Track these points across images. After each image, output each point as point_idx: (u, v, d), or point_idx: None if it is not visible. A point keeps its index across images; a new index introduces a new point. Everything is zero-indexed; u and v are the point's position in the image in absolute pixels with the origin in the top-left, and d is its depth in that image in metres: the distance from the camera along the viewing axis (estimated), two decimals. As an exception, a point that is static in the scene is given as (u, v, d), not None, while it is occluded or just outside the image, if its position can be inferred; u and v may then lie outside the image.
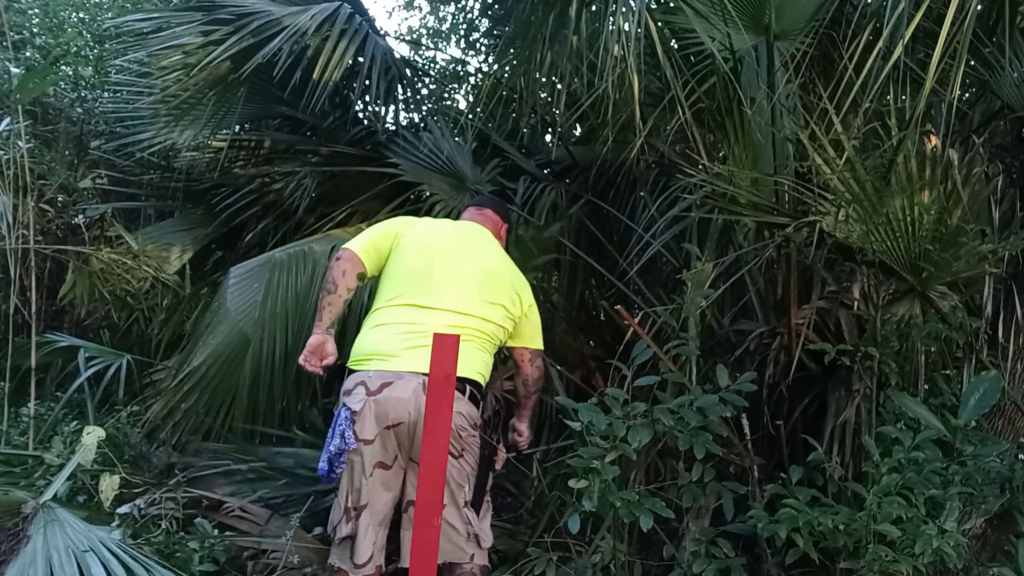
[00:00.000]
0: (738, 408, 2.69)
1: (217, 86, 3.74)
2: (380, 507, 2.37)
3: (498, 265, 2.63)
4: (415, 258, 2.51)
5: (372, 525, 2.35)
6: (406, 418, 2.30)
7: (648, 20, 3.05)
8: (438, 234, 2.62)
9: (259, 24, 3.47)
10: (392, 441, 2.34)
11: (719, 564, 2.58)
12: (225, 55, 3.38)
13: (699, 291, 2.86)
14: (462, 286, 2.49)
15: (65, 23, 5.48)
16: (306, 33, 3.45)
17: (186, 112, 3.85)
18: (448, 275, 2.49)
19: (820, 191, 2.63)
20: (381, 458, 2.34)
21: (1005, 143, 3.31)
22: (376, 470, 2.34)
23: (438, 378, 2.47)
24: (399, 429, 2.32)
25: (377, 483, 2.35)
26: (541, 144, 4.67)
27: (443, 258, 2.52)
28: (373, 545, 2.34)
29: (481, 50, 6.18)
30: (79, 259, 4.18)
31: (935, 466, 2.41)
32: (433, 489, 2.45)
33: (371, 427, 2.31)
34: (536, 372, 2.73)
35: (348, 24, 3.62)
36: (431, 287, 2.46)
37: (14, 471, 3.03)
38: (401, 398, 2.30)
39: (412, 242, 2.55)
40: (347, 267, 2.47)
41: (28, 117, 4.59)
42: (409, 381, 2.31)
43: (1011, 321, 2.90)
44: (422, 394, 2.24)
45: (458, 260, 2.54)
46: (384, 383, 2.32)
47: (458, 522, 2.36)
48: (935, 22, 2.58)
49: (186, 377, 3.30)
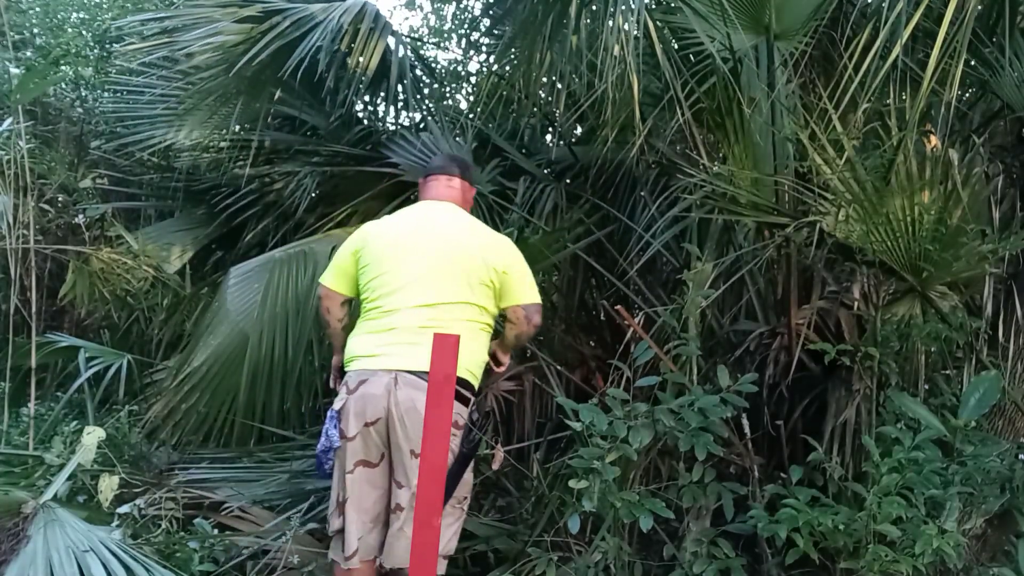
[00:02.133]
0: (738, 408, 2.69)
1: (249, 83, 3.66)
2: (368, 504, 2.40)
3: (463, 237, 2.57)
4: (376, 267, 2.53)
5: (358, 518, 2.38)
6: (382, 414, 2.34)
7: (648, 20, 3.05)
8: (395, 234, 2.60)
9: (294, 20, 3.41)
10: (372, 438, 2.38)
11: (719, 564, 2.58)
12: (264, 52, 3.31)
13: (699, 291, 2.86)
14: (427, 279, 2.47)
15: (65, 23, 5.48)
16: (341, 29, 3.41)
17: (213, 109, 3.79)
18: (410, 272, 2.49)
19: (820, 191, 2.64)
20: (363, 456, 2.39)
21: (1005, 143, 3.31)
22: (359, 468, 2.39)
23: (438, 378, 2.47)
24: (377, 427, 2.36)
25: (361, 480, 2.39)
26: (541, 144, 4.66)
27: (402, 257, 2.52)
28: (359, 540, 2.37)
29: (482, 50, 6.17)
30: (79, 259, 4.18)
31: (935, 466, 2.41)
32: (433, 489, 2.46)
33: (352, 425, 2.38)
34: (533, 329, 2.64)
35: (375, 22, 3.60)
36: (396, 289, 2.48)
37: (14, 471, 3.03)
38: (375, 394, 2.35)
39: (372, 252, 2.56)
40: (327, 303, 2.66)
41: (28, 117, 4.60)
42: (381, 378, 2.36)
43: (1011, 321, 2.90)
44: (394, 389, 2.32)
45: (417, 255, 2.51)
46: (361, 381, 2.39)
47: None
48: (935, 22, 2.58)
49: (186, 377, 3.30)
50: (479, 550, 2.89)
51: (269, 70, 3.50)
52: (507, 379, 3.51)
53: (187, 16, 3.68)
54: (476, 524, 2.95)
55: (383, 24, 3.66)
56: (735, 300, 3.41)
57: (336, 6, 3.56)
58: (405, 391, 2.33)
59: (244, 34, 3.48)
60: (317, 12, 3.49)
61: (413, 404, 2.30)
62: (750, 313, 3.30)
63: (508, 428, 3.47)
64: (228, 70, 3.47)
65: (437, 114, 4.26)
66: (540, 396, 3.53)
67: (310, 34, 3.40)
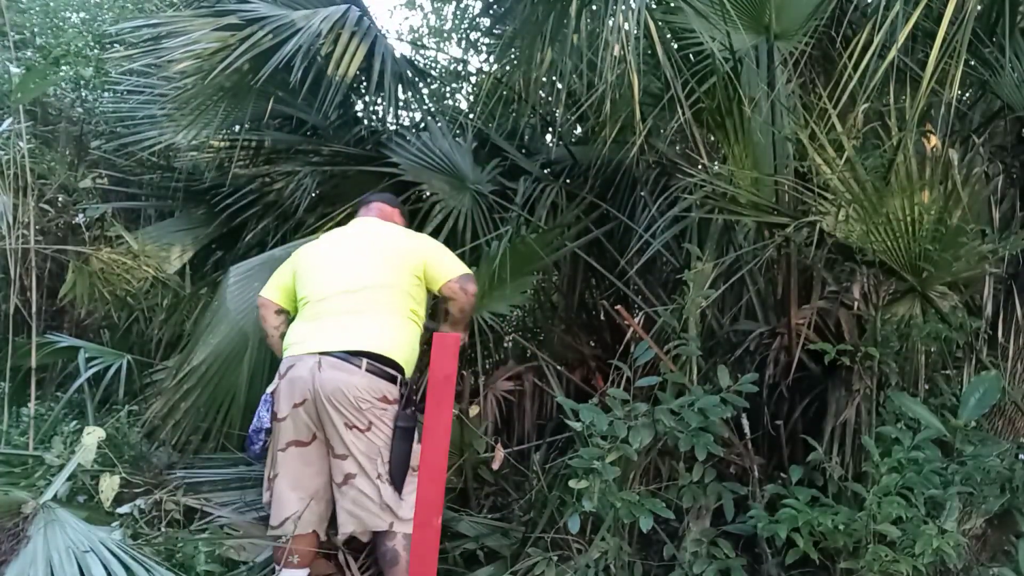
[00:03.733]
0: (738, 408, 2.69)
1: (230, 90, 3.73)
2: (304, 480, 2.54)
3: (382, 232, 2.82)
4: (308, 273, 2.75)
5: (294, 495, 2.52)
6: (308, 395, 2.49)
7: (648, 20, 3.05)
8: (325, 245, 2.83)
9: (273, 28, 3.48)
10: (302, 418, 2.52)
11: (719, 564, 2.59)
12: (241, 59, 3.38)
13: (699, 291, 2.86)
14: (349, 268, 2.68)
15: (66, 23, 5.48)
16: (320, 35, 3.46)
17: (196, 114, 3.84)
18: (335, 267, 2.70)
19: (820, 191, 2.64)
20: (295, 436, 2.54)
21: (1005, 143, 3.31)
22: (291, 448, 2.55)
23: (438, 378, 2.49)
24: (305, 407, 2.51)
25: (293, 458, 2.55)
26: (541, 144, 4.66)
27: (329, 258, 2.75)
28: (293, 513, 2.50)
29: (482, 50, 6.18)
30: (79, 259, 4.18)
31: (935, 466, 2.41)
32: (433, 488, 2.47)
33: (283, 406, 2.54)
34: (471, 298, 2.78)
35: (357, 26, 3.64)
36: (322, 284, 2.68)
37: (14, 471, 3.02)
38: (302, 376, 2.50)
39: (305, 262, 2.79)
40: (263, 312, 2.89)
41: (29, 117, 4.60)
42: (307, 361, 2.52)
43: (1011, 321, 2.90)
44: (317, 371, 2.47)
45: (341, 252, 2.75)
46: (289, 366, 2.56)
47: (371, 491, 2.48)
48: (935, 22, 2.58)
49: (186, 377, 3.29)
50: (470, 549, 2.90)
51: (250, 76, 3.57)
52: (507, 379, 3.52)
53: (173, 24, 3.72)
54: (468, 524, 2.95)
55: (366, 27, 3.69)
56: (735, 300, 3.41)
57: (317, 12, 3.59)
58: (328, 372, 2.47)
59: (222, 42, 3.55)
60: (298, 19, 3.52)
61: (336, 384, 2.44)
62: (750, 313, 3.30)
63: (508, 428, 3.48)
64: (204, 77, 3.58)
65: (436, 114, 4.26)
66: (540, 396, 3.54)
67: (287, 42, 3.44)
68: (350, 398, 2.45)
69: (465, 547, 2.90)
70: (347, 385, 2.45)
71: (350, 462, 2.47)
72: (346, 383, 2.45)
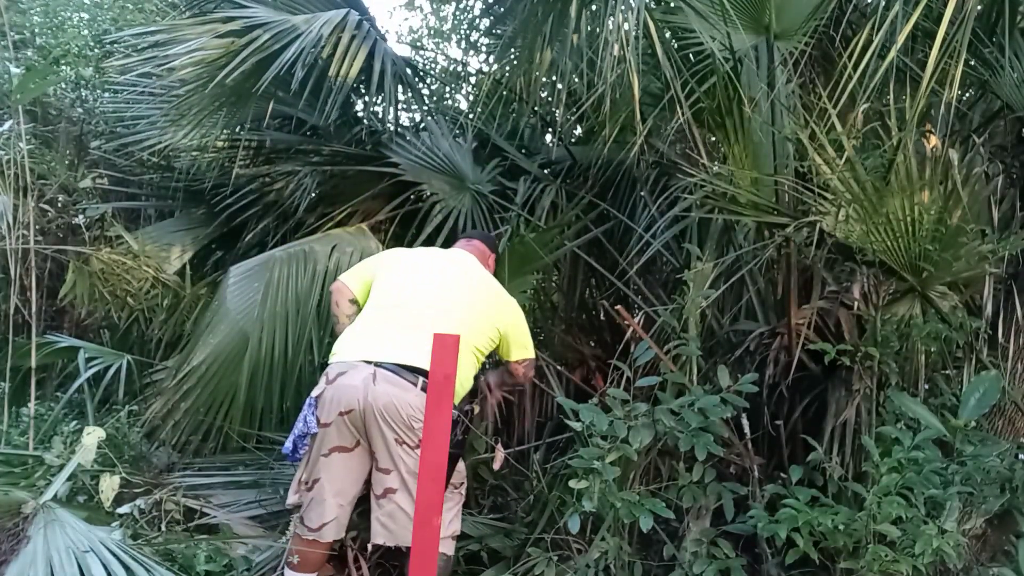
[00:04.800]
0: (738, 408, 2.69)
1: (231, 95, 3.72)
2: (342, 485, 2.49)
3: (483, 277, 2.79)
4: (391, 274, 2.71)
5: (329, 496, 2.46)
6: (356, 405, 2.40)
7: (648, 20, 3.05)
8: (416, 254, 2.82)
9: (274, 33, 3.48)
10: (346, 427, 2.44)
11: (719, 564, 2.59)
12: (243, 66, 3.38)
13: (699, 291, 2.86)
14: (437, 287, 2.65)
15: (66, 24, 5.48)
16: (320, 40, 3.46)
17: (197, 120, 3.84)
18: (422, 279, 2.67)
19: (820, 191, 2.63)
20: (339, 442, 2.47)
21: (1005, 143, 3.31)
22: (334, 453, 2.47)
23: (438, 378, 2.48)
24: (351, 416, 2.42)
25: (336, 463, 2.47)
26: (541, 144, 4.67)
27: (417, 267, 2.72)
28: (334, 519, 2.46)
29: (482, 50, 6.17)
30: (79, 259, 4.18)
31: (935, 466, 2.41)
32: (433, 489, 2.47)
33: (328, 412, 2.45)
34: (528, 380, 2.95)
35: (358, 29, 3.65)
36: (402, 290, 2.63)
37: (14, 471, 3.02)
38: (352, 385, 2.42)
39: (391, 263, 2.76)
40: (337, 297, 2.77)
41: (29, 117, 4.60)
42: (360, 370, 2.43)
43: (1011, 321, 2.90)
44: (371, 383, 2.39)
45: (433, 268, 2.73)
46: (339, 372, 2.47)
47: (409, 508, 2.43)
48: (935, 22, 2.58)
49: (186, 376, 3.29)
50: (473, 550, 2.90)
51: (252, 80, 3.55)
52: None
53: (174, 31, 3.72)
54: (471, 524, 2.95)
55: (366, 30, 3.69)
56: (735, 300, 3.41)
57: (318, 16, 3.59)
58: (383, 386, 2.40)
59: (223, 48, 3.56)
60: (299, 24, 3.52)
61: (390, 399, 2.38)
62: (750, 313, 3.30)
63: (508, 428, 3.47)
64: (206, 85, 3.58)
65: (436, 114, 4.26)
66: (540, 396, 3.53)
67: (289, 47, 3.44)
68: (403, 416, 2.39)
69: (468, 548, 2.90)
70: (401, 402, 2.38)
71: (393, 476, 2.42)
72: (400, 400, 2.38)
